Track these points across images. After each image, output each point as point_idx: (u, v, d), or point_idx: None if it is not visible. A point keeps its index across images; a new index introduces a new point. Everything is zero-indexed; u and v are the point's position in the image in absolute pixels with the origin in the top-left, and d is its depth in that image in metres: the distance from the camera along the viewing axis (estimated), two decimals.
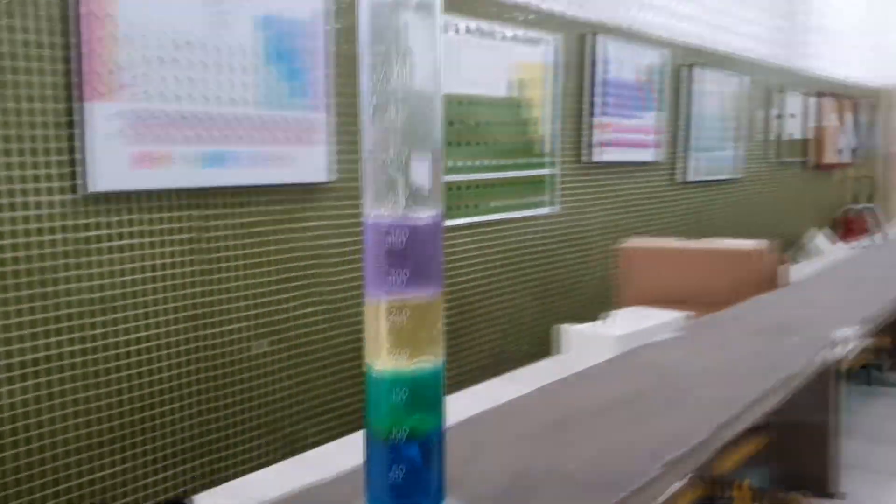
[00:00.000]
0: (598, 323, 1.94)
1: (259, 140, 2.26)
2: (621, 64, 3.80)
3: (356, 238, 2.58)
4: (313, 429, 2.49)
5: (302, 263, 2.42)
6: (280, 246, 2.35)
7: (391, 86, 0.57)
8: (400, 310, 0.58)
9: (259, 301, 2.30)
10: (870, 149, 7.50)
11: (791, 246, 5.74)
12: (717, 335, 1.36)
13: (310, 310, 2.46)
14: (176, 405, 2.10)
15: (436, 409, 0.61)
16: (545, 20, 3.36)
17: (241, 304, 2.25)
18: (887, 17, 8.20)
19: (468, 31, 2.90)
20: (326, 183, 2.46)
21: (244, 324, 2.27)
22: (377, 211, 0.58)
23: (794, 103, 5.88)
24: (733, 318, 1.50)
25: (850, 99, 6.95)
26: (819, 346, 1.26)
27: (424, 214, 0.58)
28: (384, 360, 0.59)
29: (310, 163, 2.42)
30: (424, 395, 0.60)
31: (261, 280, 2.30)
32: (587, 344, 1.84)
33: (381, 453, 0.60)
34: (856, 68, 7.60)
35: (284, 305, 2.38)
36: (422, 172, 0.58)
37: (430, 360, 0.60)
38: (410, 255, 0.58)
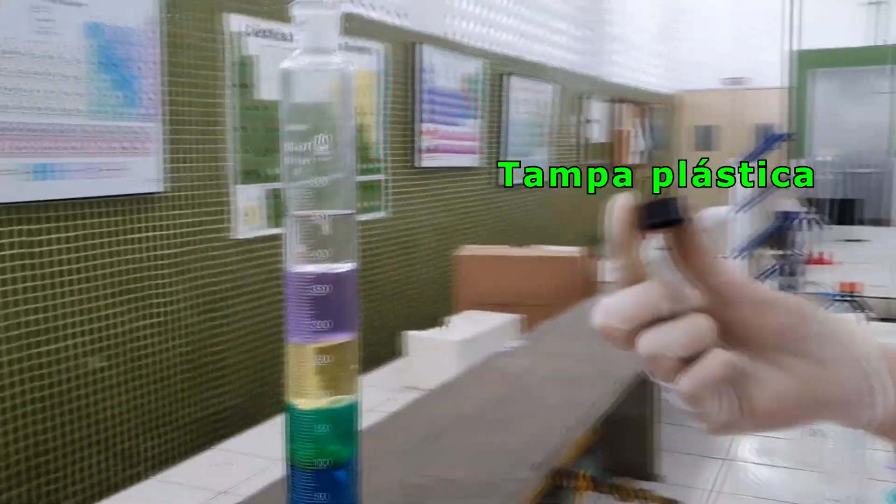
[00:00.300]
0: (440, 328, 2.06)
1: (90, 151, 2.20)
2: (444, 73, 3.95)
3: (189, 248, 2.56)
4: (150, 442, 2.45)
5: (136, 276, 2.38)
6: (113, 258, 2.30)
7: (314, 155, 0.63)
8: (323, 353, 0.66)
9: (93, 315, 2.24)
10: (661, 150, 8.15)
11: (598, 242, 6.17)
12: (555, 343, 1.50)
13: (145, 322, 2.42)
14: (9, 426, 2.02)
15: (353, 438, 0.69)
16: (372, 29, 3.45)
17: (76, 319, 2.19)
18: (677, 31, 8.95)
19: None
20: (159, 193, 2.43)
21: (78, 339, 2.20)
22: (302, 264, 0.64)
23: (597, 109, 6.31)
24: (566, 326, 1.66)
25: (646, 104, 7.53)
26: None
27: (345, 265, 0.66)
28: (309, 398, 0.66)
29: (142, 173, 2.38)
30: (345, 428, 0.68)
31: (94, 294, 2.25)
32: (431, 348, 1.95)
33: (307, 482, 0.67)
34: (651, 76, 8.25)
35: (120, 318, 2.33)
36: (342, 228, 0.65)
37: (349, 396, 0.67)
38: (334, 302, 0.65)
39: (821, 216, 3.93)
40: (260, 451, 1.69)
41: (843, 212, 6.79)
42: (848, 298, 1.72)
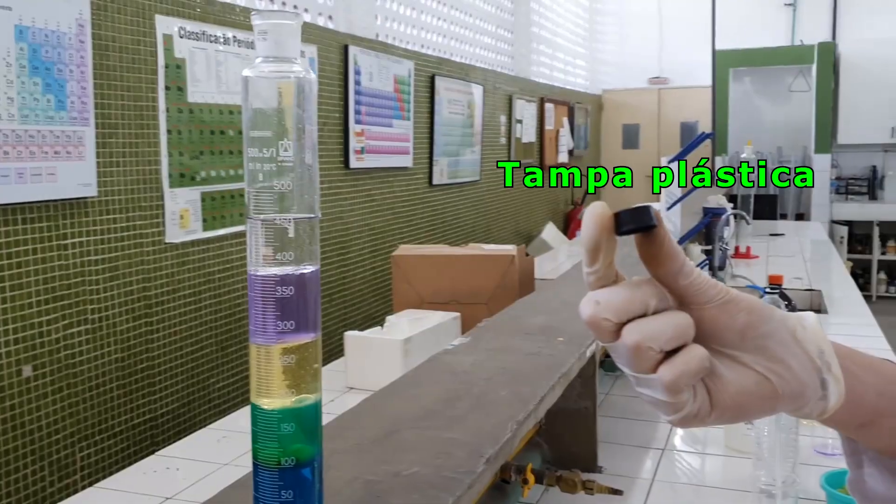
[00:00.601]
0: (382, 328, 2.07)
1: (21, 155, 2.15)
2: (376, 74, 3.96)
3: (122, 253, 2.52)
4: (84, 452, 2.40)
5: (68, 282, 2.33)
6: (45, 265, 2.25)
7: (278, 161, 0.65)
8: (287, 353, 0.67)
9: (24, 323, 2.19)
10: (589, 149, 8.30)
11: (529, 241, 6.25)
12: (496, 340, 1.53)
13: (78, 328, 2.37)
14: None
15: (317, 436, 0.70)
16: (305, 31, 3.44)
17: (8, 327, 2.13)
18: (603, 33, 9.12)
19: (228, 41, 2.91)
20: (91, 198, 2.38)
21: (9, 348, 2.15)
22: (266, 267, 0.66)
23: (526, 109, 6.39)
24: (507, 322, 1.69)
25: (573, 104, 7.65)
26: (581, 343, 1.48)
27: (309, 267, 0.67)
28: (273, 398, 0.67)
29: (76, 177, 2.33)
30: (309, 426, 0.69)
31: (25, 301, 2.19)
32: (373, 348, 1.96)
33: (272, 480, 0.68)
34: (578, 77, 8.39)
35: (54, 325, 2.27)
36: (306, 231, 0.66)
37: (312, 396, 0.69)
38: (297, 303, 0.67)
39: (744, 211, 4.07)
40: (202, 456, 1.67)
41: (763, 207, 7.03)
42: (776, 291, 1.80)
